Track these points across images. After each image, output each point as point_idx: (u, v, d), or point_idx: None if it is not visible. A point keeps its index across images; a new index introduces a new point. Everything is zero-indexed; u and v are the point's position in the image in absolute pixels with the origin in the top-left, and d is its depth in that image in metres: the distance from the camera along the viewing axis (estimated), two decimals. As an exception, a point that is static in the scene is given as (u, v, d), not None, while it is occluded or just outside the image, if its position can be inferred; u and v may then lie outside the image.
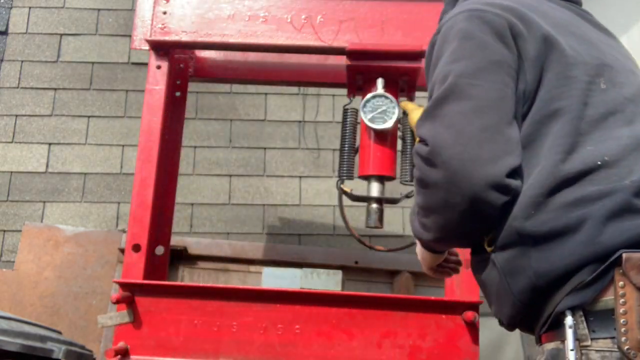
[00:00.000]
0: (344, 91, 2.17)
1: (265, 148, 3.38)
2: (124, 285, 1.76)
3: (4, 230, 3.18)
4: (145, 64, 2.72)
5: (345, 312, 1.75)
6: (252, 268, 3.09)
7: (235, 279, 3.07)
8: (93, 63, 3.46)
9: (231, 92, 3.47)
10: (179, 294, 1.77)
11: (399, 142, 2.07)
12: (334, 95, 3.46)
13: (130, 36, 3.22)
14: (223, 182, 3.33)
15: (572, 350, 0.86)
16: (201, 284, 2.00)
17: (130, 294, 1.75)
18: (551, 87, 1.01)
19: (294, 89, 3.45)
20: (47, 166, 3.29)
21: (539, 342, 0.98)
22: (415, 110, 1.84)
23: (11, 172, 3.27)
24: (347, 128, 2.08)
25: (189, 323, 1.74)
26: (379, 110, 1.92)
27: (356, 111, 2.05)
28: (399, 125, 2.05)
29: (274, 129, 3.43)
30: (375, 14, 2.05)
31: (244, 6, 2.08)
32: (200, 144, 3.38)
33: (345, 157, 2.06)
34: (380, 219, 1.96)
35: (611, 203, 0.89)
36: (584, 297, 0.87)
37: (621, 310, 0.83)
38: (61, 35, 3.49)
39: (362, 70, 2.00)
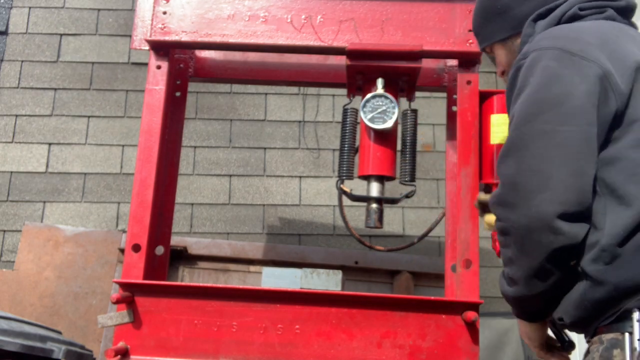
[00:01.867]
0: (344, 91, 2.17)
1: (265, 148, 3.38)
2: (124, 285, 1.76)
3: (4, 230, 3.18)
4: (145, 64, 2.72)
5: (345, 312, 1.74)
6: (252, 268, 3.09)
7: (235, 279, 3.07)
8: (93, 63, 3.46)
9: (231, 92, 3.47)
10: (179, 294, 1.77)
11: (399, 143, 2.07)
12: (334, 95, 3.46)
13: (130, 36, 3.23)
14: (223, 182, 3.33)
15: (639, 339, 0.99)
16: (201, 284, 2.00)
17: (130, 294, 1.75)
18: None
19: (294, 89, 3.45)
20: (47, 166, 3.29)
21: (593, 335, 1.11)
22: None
23: (11, 172, 3.27)
24: (347, 128, 2.07)
25: (189, 323, 1.74)
26: (379, 110, 1.91)
27: (356, 111, 2.04)
28: (399, 126, 2.06)
29: (274, 129, 3.43)
30: (375, 14, 2.05)
31: (244, 6, 2.08)
32: (200, 144, 3.38)
33: (345, 157, 2.06)
34: (380, 219, 1.96)
35: None
36: None
37: None
38: (61, 35, 3.50)
39: (362, 70, 2.00)
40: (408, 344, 1.71)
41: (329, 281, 1.97)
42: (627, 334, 1.02)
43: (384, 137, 1.96)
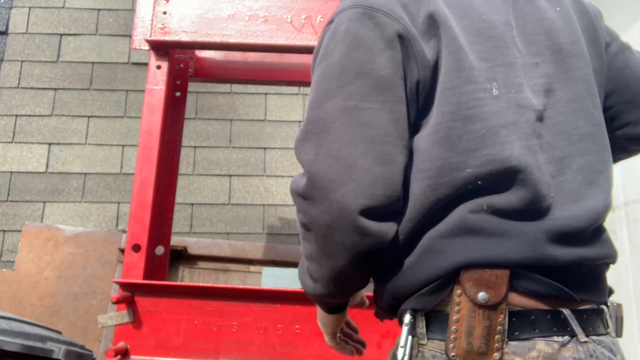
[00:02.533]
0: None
1: (265, 148, 3.38)
2: (124, 285, 1.76)
3: (4, 230, 3.18)
4: (145, 64, 2.72)
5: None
6: (252, 268, 3.09)
7: (235, 279, 3.07)
8: (93, 63, 3.46)
9: (231, 92, 3.47)
10: (179, 294, 1.77)
11: None
12: (334, 95, 3.46)
13: (130, 36, 3.23)
14: (223, 182, 3.33)
15: (402, 347, 0.87)
16: (201, 284, 2.00)
17: (130, 294, 1.75)
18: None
19: (294, 89, 3.45)
20: (47, 166, 3.29)
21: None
22: None
23: (11, 172, 3.27)
24: None
25: (189, 323, 1.75)
26: None
27: None
28: None
29: (274, 129, 3.43)
30: (375, 14, 2.05)
31: (244, 6, 2.08)
32: (200, 144, 3.38)
33: None
34: None
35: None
36: (426, 302, 0.87)
37: (454, 318, 0.84)
38: (61, 35, 3.50)
39: None
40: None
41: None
42: (401, 339, 0.89)
43: None
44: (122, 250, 3.03)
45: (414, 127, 0.91)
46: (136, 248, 1.88)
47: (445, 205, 0.87)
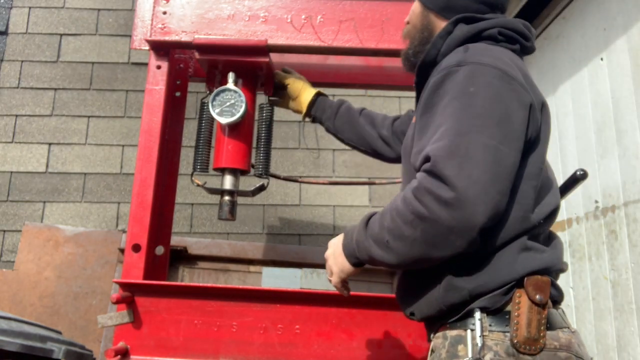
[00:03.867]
0: (345, 91, 2.18)
1: (265, 148, 3.38)
2: (124, 285, 1.76)
3: (4, 230, 3.18)
4: (145, 64, 2.71)
5: (345, 312, 1.75)
6: (252, 268, 3.09)
7: (235, 279, 3.07)
8: (93, 63, 3.46)
9: (231, 92, 3.47)
10: (179, 294, 1.77)
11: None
12: (333, 96, 3.44)
13: (130, 36, 3.23)
14: (223, 182, 3.32)
15: (480, 336, 1.15)
16: (201, 284, 2.00)
17: (130, 294, 1.75)
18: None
19: (294, 89, 3.44)
20: (47, 166, 3.29)
21: (436, 331, 1.26)
22: (295, 82, 2.02)
23: (11, 172, 3.27)
24: (203, 122, 2.10)
25: (189, 323, 1.74)
26: (227, 104, 1.94)
27: None
28: (255, 121, 2.10)
29: (274, 129, 3.42)
30: (375, 14, 2.05)
31: (244, 6, 2.08)
32: (200, 144, 3.38)
33: (200, 150, 2.09)
34: (232, 211, 2.02)
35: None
36: (492, 302, 1.17)
37: (515, 314, 1.15)
38: (61, 35, 3.50)
39: (216, 64, 2.02)
40: (408, 344, 1.71)
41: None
42: (469, 331, 1.16)
43: (237, 131, 1.99)
44: (122, 250, 3.03)
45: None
46: (136, 248, 1.87)
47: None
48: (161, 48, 2.06)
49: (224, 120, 1.93)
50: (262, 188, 2.09)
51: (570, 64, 2.85)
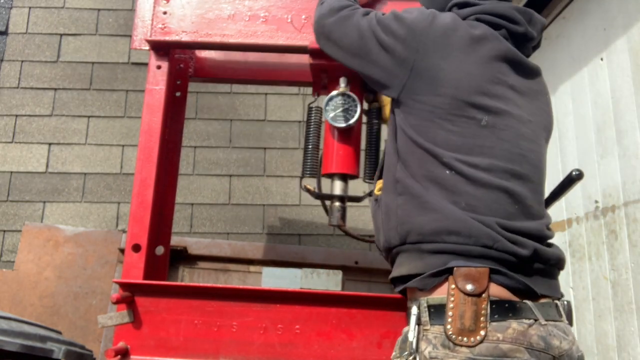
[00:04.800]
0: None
1: (265, 148, 3.38)
2: (124, 285, 1.76)
3: (4, 230, 3.18)
4: (145, 64, 2.71)
5: (345, 312, 1.74)
6: (252, 268, 3.09)
7: (235, 279, 3.07)
8: (93, 63, 3.46)
9: (231, 92, 3.47)
10: (179, 294, 1.77)
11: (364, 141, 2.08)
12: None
13: (130, 36, 3.23)
14: (223, 182, 3.33)
15: (412, 331, 1.21)
16: (201, 284, 2.00)
17: (130, 294, 1.75)
18: None
19: (294, 89, 3.45)
20: (47, 166, 3.29)
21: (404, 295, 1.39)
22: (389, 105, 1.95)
23: (11, 172, 3.27)
24: (312, 126, 2.09)
25: (189, 323, 1.74)
26: (341, 108, 1.92)
27: (321, 110, 2.05)
28: (364, 124, 2.06)
29: (274, 129, 3.43)
30: (376, 14, 2.05)
31: (244, 6, 2.08)
32: (200, 144, 3.38)
33: (309, 155, 2.07)
34: (343, 217, 1.97)
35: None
36: (423, 284, 1.22)
37: (450, 305, 1.16)
38: (61, 35, 3.50)
39: (325, 68, 2.00)
40: (408, 344, 1.71)
41: (329, 281, 1.97)
42: (409, 326, 1.25)
43: (347, 136, 1.97)
44: (122, 250, 3.03)
45: None
46: (136, 248, 1.87)
47: None
48: (161, 48, 2.06)
49: (338, 125, 1.90)
50: (371, 193, 2.06)
51: (570, 64, 2.85)
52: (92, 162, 3.32)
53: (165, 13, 2.08)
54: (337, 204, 1.96)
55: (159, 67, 2.05)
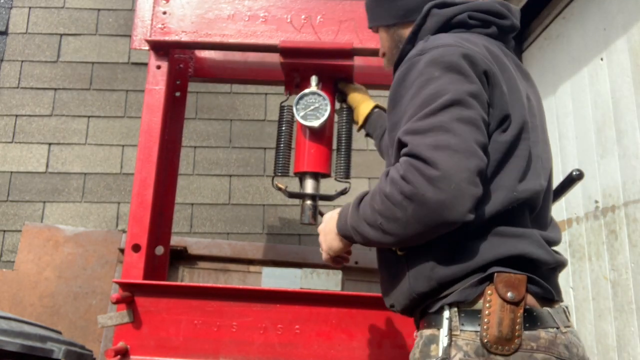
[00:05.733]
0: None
1: (265, 148, 3.38)
2: (124, 285, 1.76)
3: (4, 230, 3.18)
4: (145, 64, 2.71)
5: (345, 312, 1.75)
6: (252, 268, 3.09)
7: (235, 279, 3.07)
8: (93, 63, 3.46)
9: (231, 92, 3.47)
10: (179, 294, 1.77)
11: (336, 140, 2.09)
12: (334, 95, 3.46)
13: (130, 36, 3.23)
14: (223, 182, 3.33)
15: (446, 335, 1.12)
16: (201, 284, 2.00)
17: (130, 294, 1.75)
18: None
19: (294, 89, 3.45)
20: (47, 166, 3.29)
21: (418, 328, 1.25)
22: (355, 91, 1.98)
23: (11, 172, 3.27)
24: (283, 125, 2.09)
25: (189, 323, 1.74)
26: (312, 107, 1.93)
27: (292, 108, 2.05)
28: (335, 123, 2.07)
29: (274, 129, 3.42)
30: (376, 14, 2.05)
31: (244, 6, 2.08)
32: (200, 144, 3.38)
33: (281, 154, 2.07)
34: (314, 215, 1.98)
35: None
36: (464, 296, 1.13)
37: (486, 312, 1.11)
38: (61, 35, 3.50)
39: (296, 67, 2.01)
40: (408, 344, 1.71)
41: (329, 281, 1.97)
42: (441, 330, 1.13)
43: (319, 134, 1.98)
44: (122, 250, 3.03)
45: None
46: (136, 248, 1.87)
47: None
48: (161, 48, 2.06)
49: (308, 123, 1.91)
50: (344, 192, 2.06)
51: (570, 64, 2.85)
52: (92, 162, 3.31)
53: (165, 13, 2.08)
54: (308, 202, 1.98)
55: (158, 67, 2.05)
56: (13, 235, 3.17)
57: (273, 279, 1.94)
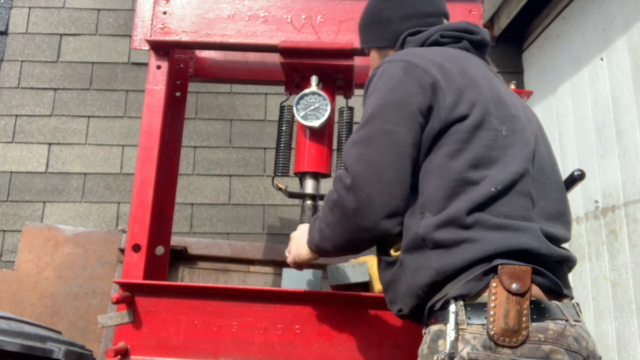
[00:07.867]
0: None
1: (265, 148, 3.38)
2: (124, 285, 1.76)
3: (4, 230, 3.18)
4: (145, 64, 2.71)
5: (346, 312, 1.75)
6: (252, 268, 3.09)
7: (235, 279, 3.07)
8: (93, 63, 3.46)
9: (231, 92, 3.47)
10: (179, 294, 1.77)
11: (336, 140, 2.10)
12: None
13: (130, 36, 3.23)
14: (223, 182, 3.33)
15: (453, 329, 1.12)
16: (201, 284, 2.00)
17: (130, 294, 1.75)
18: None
19: (294, 89, 3.45)
20: (47, 166, 3.29)
21: (427, 325, 1.23)
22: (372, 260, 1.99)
23: (11, 172, 3.27)
24: (283, 125, 2.09)
25: (189, 323, 1.74)
26: (312, 107, 1.93)
27: (292, 108, 2.06)
28: (336, 123, 2.07)
29: (274, 129, 3.42)
30: (376, 14, 2.05)
31: (244, 6, 2.08)
32: (200, 144, 3.38)
33: (281, 154, 2.08)
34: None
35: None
36: (467, 289, 1.14)
37: (492, 304, 1.12)
38: (61, 35, 3.50)
39: (296, 67, 2.01)
40: (408, 344, 1.71)
41: (355, 273, 1.94)
42: (448, 324, 1.14)
43: (319, 134, 1.98)
44: (122, 250, 3.03)
45: None
46: (136, 248, 1.88)
47: None
48: (161, 48, 2.06)
49: (309, 123, 1.91)
50: None
51: (570, 64, 2.85)
52: (92, 162, 3.32)
53: (165, 13, 2.08)
54: (308, 202, 1.98)
55: (158, 67, 2.05)
56: (13, 235, 3.17)
57: (294, 281, 1.92)
